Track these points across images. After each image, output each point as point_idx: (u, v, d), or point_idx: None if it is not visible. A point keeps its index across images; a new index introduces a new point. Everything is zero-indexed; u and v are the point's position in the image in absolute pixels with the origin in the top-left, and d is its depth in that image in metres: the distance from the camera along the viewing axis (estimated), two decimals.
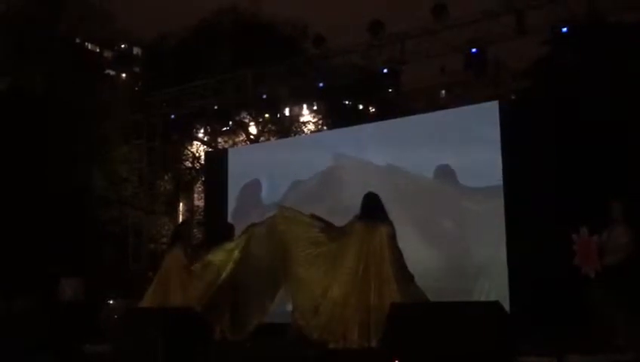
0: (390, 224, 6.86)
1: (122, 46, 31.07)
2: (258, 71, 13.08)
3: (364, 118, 20.13)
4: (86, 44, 25.71)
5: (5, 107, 18.23)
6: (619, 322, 5.90)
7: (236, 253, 7.59)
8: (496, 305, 5.21)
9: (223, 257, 7.62)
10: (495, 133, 9.48)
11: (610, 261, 6.14)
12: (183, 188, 22.64)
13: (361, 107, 22.99)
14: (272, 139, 20.85)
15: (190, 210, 22.90)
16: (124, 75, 26.91)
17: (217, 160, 14.11)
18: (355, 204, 7.16)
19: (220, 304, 7.55)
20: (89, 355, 7.06)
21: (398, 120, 12.64)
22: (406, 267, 6.87)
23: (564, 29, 10.08)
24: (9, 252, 14.54)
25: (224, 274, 7.55)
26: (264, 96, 13.71)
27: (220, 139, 22.14)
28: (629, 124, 9.29)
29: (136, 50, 29.86)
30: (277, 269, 7.46)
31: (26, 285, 11.36)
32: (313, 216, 7.39)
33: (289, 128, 21.85)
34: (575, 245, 6.34)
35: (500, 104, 10.00)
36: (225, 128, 21.89)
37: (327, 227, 7.22)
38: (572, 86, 10.75)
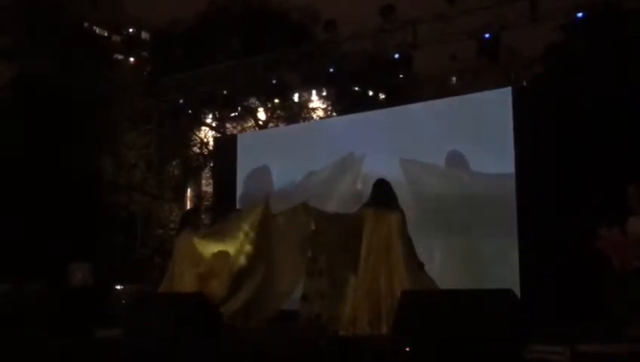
0: (401, 211, 6.84)
1: (130, 30, 31.03)
2: (268, 56, 13.02)
3: (374, 104, 20.00)
4: (94, 28, 25.67)
5: (15, 93, 18.26)
6: (635, 311, 5.84)
7: (250, 239, 7.59)
8: (508, 292, 5.17)
9: (236, 246, 7.62)
10: (507, 120, 9.40)
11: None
12: (191, 174, 22.62)
13: (371, 93, 22.84)
14: (281, 125, 20.79)
15: (198, 195, 22.89)
16: (132, 59, 26.85)
17: (226, 146, 14.09)
18: (366, 190, 7.13)
19: (234, 292, 7.56)
20: (100, 340, 7.08)
21: (409, 106, 12.54)
22: (416, 254, 6.86)
23: (579, 15, 9.97)
24: (18, 236, 14.59)
25: (237, 264, 7.56)
26: (273, 82, 13.65)
27: (228, 125, 22.09)
28: None
29: (144, 35, 29.80)
30: (298, 260, 7.49)
31: (36, 269, 11.39)
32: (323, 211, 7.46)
33: (298, 114, 21.75)
34: (600, 240, 6.20)
35: (512, 90, 9.91)
36: (233, 114, 21.83)
37: (338, 218, 7.24)
38: (586, 73, 10.62)
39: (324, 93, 22.34)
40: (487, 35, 10.43)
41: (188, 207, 19.16)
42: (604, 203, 7.22)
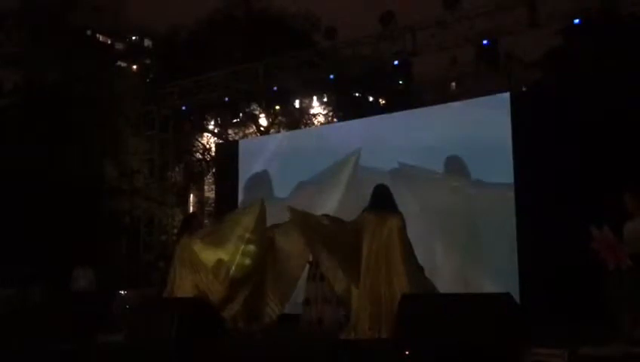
0: (400, 215, 6.89)
1: (133, 38, 31.09)
2: (269, 63, 13.09)
3: (374, 110, 20.09)
4: (97, 35, 25.78)
5: (18, 99, 18.37)
6: (633, 313, 5.88)
7: (248, 242, 7.64)
8: (506, 296, 5.23)
9: (235, 250, 7.68)
10: (506, 125, 9.46)
11: (632, 251, 6.06)
12: (194, 180, 22.73)
13: (371, 99, 22.96)
14: (282, 130, 20.87)
15: (201, 201, 22.99)
16: (135, 66, 26.93)
17: (228, 151, 14.17)
18: (365, 196, 7.19)
19: (235, 297, 7.61)
20: (103, 345, 7.13)
21: (409, 112, 12.61)
22: (416, 258, 6.91)
23: (577, 21, 10.04)
24: (23, 241, 14.66)
25: (237, 268, 7.62)
26: (275, 88, 13.73)
27: (230, 131, 22.19)
28: None
29: (147, 42, 29.90)
30: (299, 265, 7.56)
31: (40, 274, 11.45)
32: (324, 216, 7.50)
33: (299, 120, 21.85)
34: (594, 242, 6.25)
35: (511, 96, 9.96)
36: (235, 120, 21.94)
37: (338, 223, 7.29)
38: (584, 77, 10.68)
39: (325, 99, 22.44)
40: (485, 41, 10.50)
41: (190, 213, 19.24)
42: (602, 208, 7.25)
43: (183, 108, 14.92)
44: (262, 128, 21.73)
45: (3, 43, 19.79)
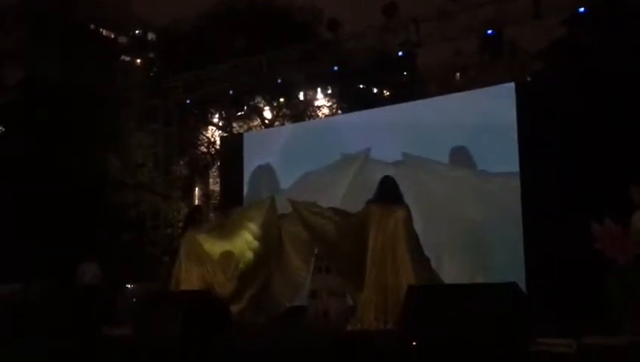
0: (406, 207, 6.89)
1: (137, 32, 31.02)
2: (273, 55, 13.06)
3: (378, 101, 20.05)
4: (101, 30, 25.76)
5: (22, 95, 18.40)
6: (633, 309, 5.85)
7: (256, 237, 7.66)
8: (513, 286, 5.22)
9: (242, 244, 7.69)
10: (511, 115, 9.42)
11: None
12: (199, 173, 22.74)
13: (375, 91, 22.90)
14: (287, 123, 20.84)
15: (206, 194, 23.01)
16: (138, 60, 26.89)
17: (233, 144, 14.17)
18: (371, 187, 7.18)
19: (242, 290, 7.62)
20: (108, 338, 7.15)
21: (413, 103, 12.56)
22: (422, 249, 6.91)
23: (582, 10, 9.97)
24: (27, 236, 14.70)
25: (244, 261, 7.63)
26: (279, 81, 13.70)
27: (235, 124, 22.18)
28: None
29: (150, 36, 29.84)
30: (305, 257, 7.58)
31: (46, 269, 11.49)
32: (330, 208, 7.50)
33: (303, 112, 21.82)
34: (596, 242, 6.18)
35: (516, 86, 9.91)
36: (240, 113, 21.92)
37: (343, 216, 7.28)
38: (589, 67, 10.60)
39: (329, 91, 22.39)
40: (489, 31, 10.44)
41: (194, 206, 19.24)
42: (608, 198, 7.22)
43: (187, 101, 14.91)
44: (266, 121, 21.72)
45: (4, 39, 19.82)
